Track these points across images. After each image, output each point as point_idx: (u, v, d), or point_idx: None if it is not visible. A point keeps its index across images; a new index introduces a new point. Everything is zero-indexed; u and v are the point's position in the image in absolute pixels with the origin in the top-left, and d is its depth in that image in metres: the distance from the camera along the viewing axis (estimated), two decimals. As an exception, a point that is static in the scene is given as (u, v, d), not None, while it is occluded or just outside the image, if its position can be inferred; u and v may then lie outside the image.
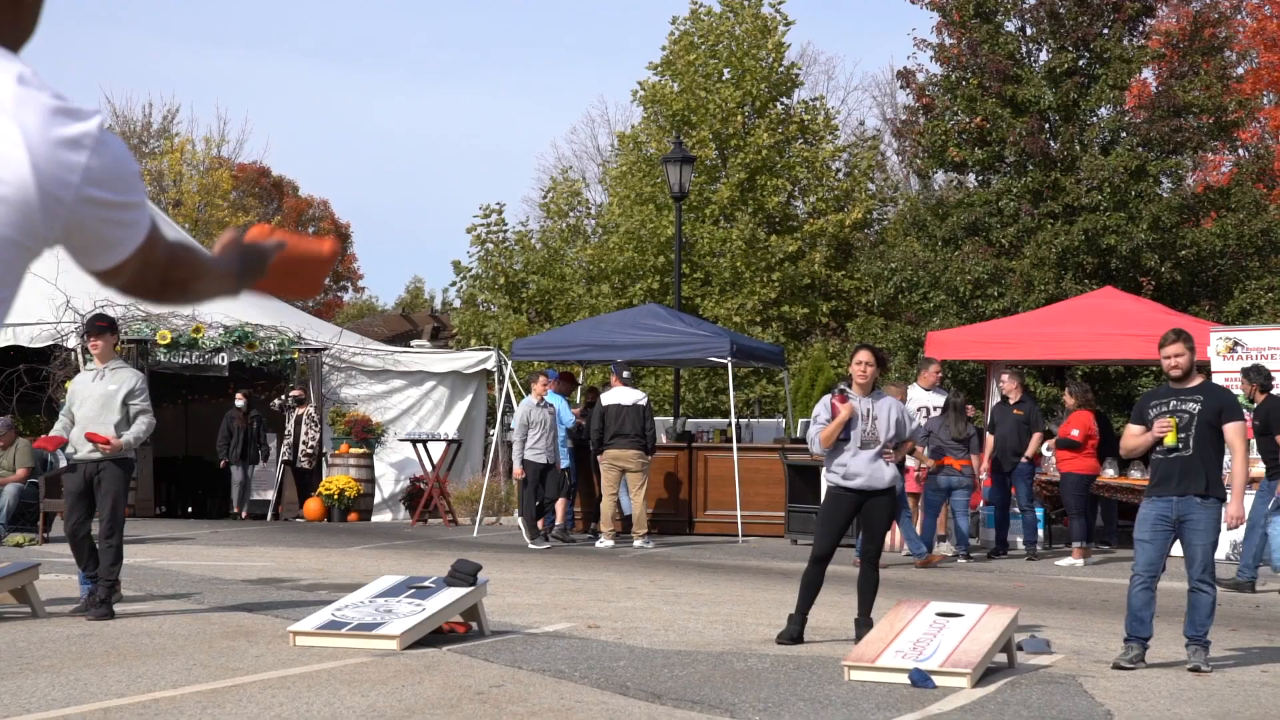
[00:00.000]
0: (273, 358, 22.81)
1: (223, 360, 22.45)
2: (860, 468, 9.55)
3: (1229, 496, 9.05)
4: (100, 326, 10.57)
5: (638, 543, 17.29)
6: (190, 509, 26.69)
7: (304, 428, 22.36)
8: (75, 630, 9.59)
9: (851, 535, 13.58)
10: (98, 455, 10.31)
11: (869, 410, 9.63)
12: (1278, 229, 25.23)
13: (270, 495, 23.35)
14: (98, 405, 10.38)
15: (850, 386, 9.75)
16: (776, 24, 33.10)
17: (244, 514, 22.90)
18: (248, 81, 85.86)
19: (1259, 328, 17.95)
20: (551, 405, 17.51)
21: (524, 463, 17.15)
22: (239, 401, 23.22)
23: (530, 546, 16.96)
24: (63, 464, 10.67)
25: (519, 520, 17.94)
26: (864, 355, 9.71)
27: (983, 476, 16.86)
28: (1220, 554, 11.64)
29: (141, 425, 10.43)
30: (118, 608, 10.29)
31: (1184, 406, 9.00)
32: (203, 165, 45.09)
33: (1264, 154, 28.16)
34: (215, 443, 23.89)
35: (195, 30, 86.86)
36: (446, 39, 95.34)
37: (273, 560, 14.89)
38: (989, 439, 16.83)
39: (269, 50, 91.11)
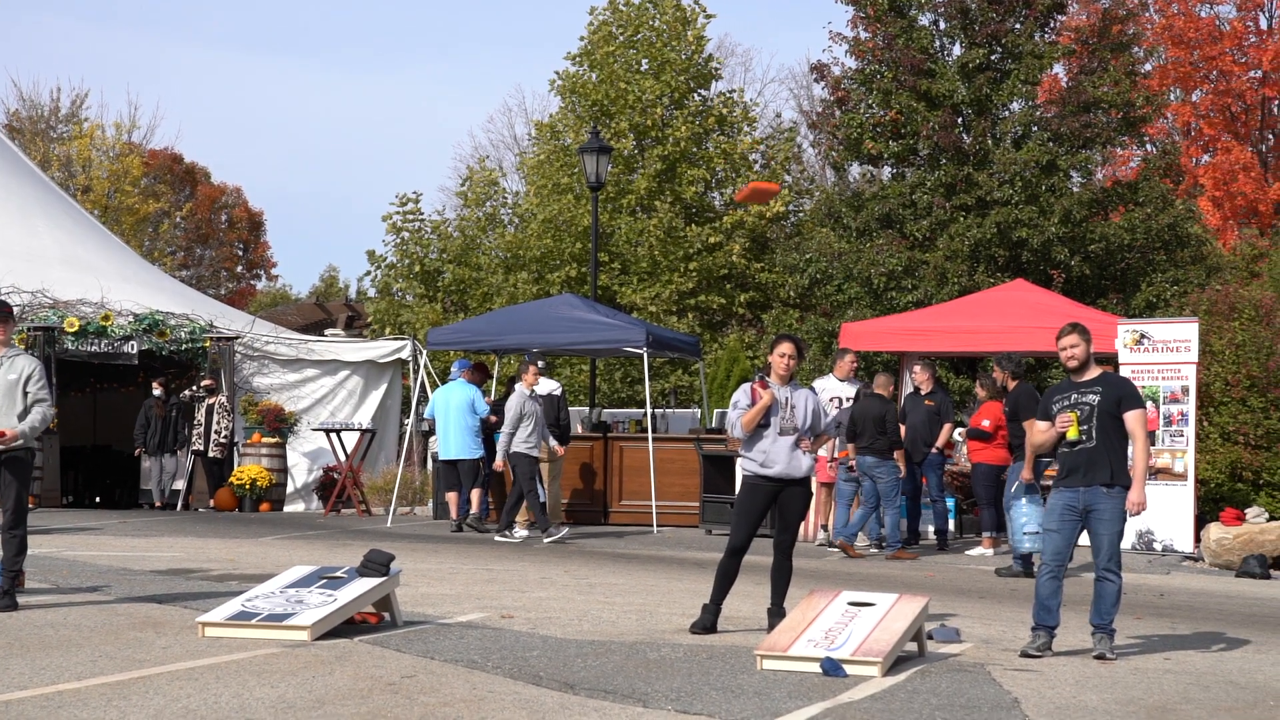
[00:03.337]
0: (184, 346, 22.55)
1: (132, 348, 22.16)
2: (779, 455, 9.61)
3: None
4: (5, 313, 10.36)
5: (552, 531, 17.23)
6: (98, 499, 26.31)
7: (215, 417, 22.12)
8: (-22, 622, 9.42)
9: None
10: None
11: (788, 399, 9.70)
12: (1183, 223, 25.64)
13: (180, 485, 23.08)
14: (4, 396, 10.16)
15: (769, 375, 9.81)
16: (696, 16, 33.17)
17: (160, 503, 22.58)
18: (159, 67, 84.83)
19: (1165, 320, 18.25)
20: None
21: (519, 455, 16.46)
22: (156, 390, 22.93)
23: (545, 540, 16.43)
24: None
25: (523, 514, 17.43)
26: (788, 347, 9.76)
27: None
28: (1126, 543, 11.85)
29: (37, 414, 10.17)
30: (21, 599, 10.12)
31: (1084, 399, 9.14)
32: (113, 151, 44.42)
33: (1171, 149, 28.59)
34: (123, 431, 23.52)
35: (105, 13, 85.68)
36: (363, 26, 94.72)
37: (182, 551, 14.72)
38: (901, 429, 16.98)
39: (180, 35, 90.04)
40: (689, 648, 8.94)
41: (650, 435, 18.83)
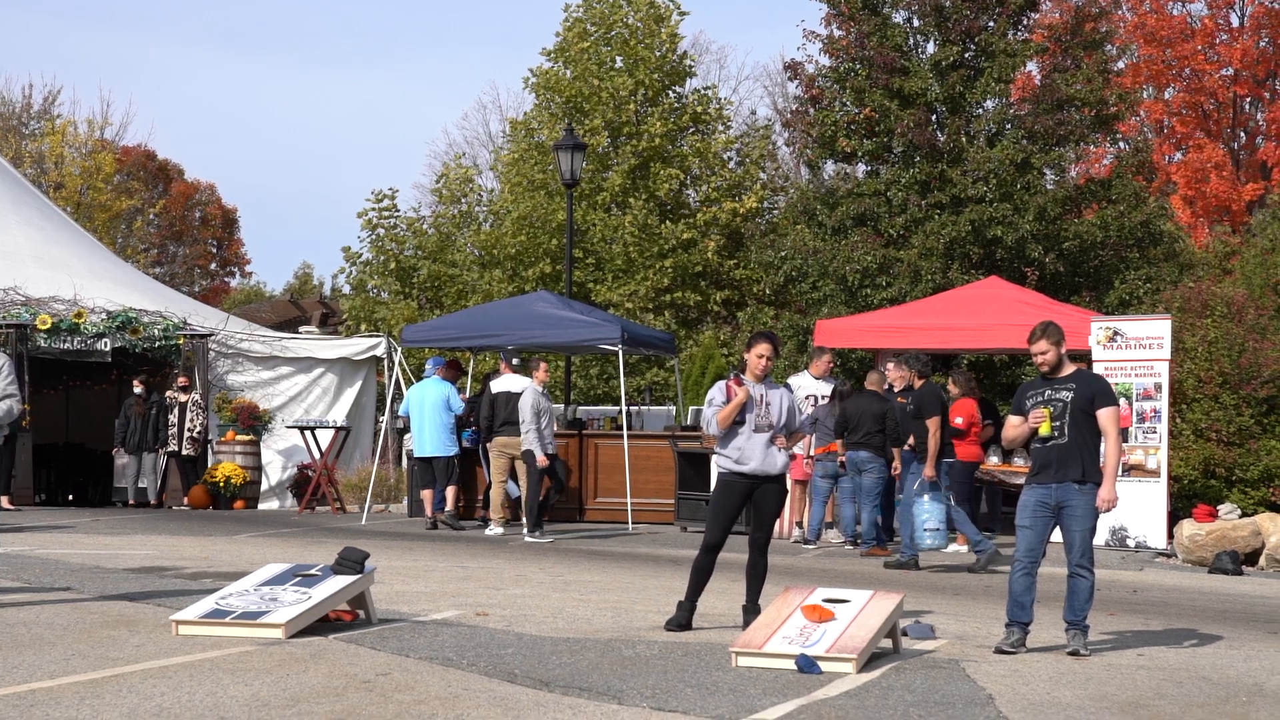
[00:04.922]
0: (157, 343, 22.45)
1: (106, 346, 22.06)
2: (754, 452, 9.63)
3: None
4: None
5: (538, 534, 17.18)
6: (71, 497, 26.18)
7: (189, 415, 22.04)
8: (-50, 621, 9.37)
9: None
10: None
11: (762, 396, 9.72)
12: (1156, 220, 25.74)
13: (147, 483, 22.94)
14: (-31, 390, 10.12)
15: (744, 373, 9.84)
16: (670, 13, 33.17)
17: (137, 501, 22.47)
18: (132, 63, 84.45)
19: (1137, 317, 18.33)
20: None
21: (531, 452, 16.49)
22: (137, 389, 22.84)
23: (528, 540, 16.37)
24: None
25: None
26: (766, 348, 9.79)
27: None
28: (1099, 539, 11.88)
29: (3, 406, 10.14)
30: (-6, 598, 10.07)
31: (1058, 395, 9.18)
32: (85, 148, 44.19)
33: (1143, 147, 28.68)
34: (97, 429, 23.36)
35: (77, 9, 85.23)
36: (337, 23, 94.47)
37: (156, 549, 14.66)
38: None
39: (153, 32, 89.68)
40: (664, 645, 8.95)
41: (625, 432, 18.83)
